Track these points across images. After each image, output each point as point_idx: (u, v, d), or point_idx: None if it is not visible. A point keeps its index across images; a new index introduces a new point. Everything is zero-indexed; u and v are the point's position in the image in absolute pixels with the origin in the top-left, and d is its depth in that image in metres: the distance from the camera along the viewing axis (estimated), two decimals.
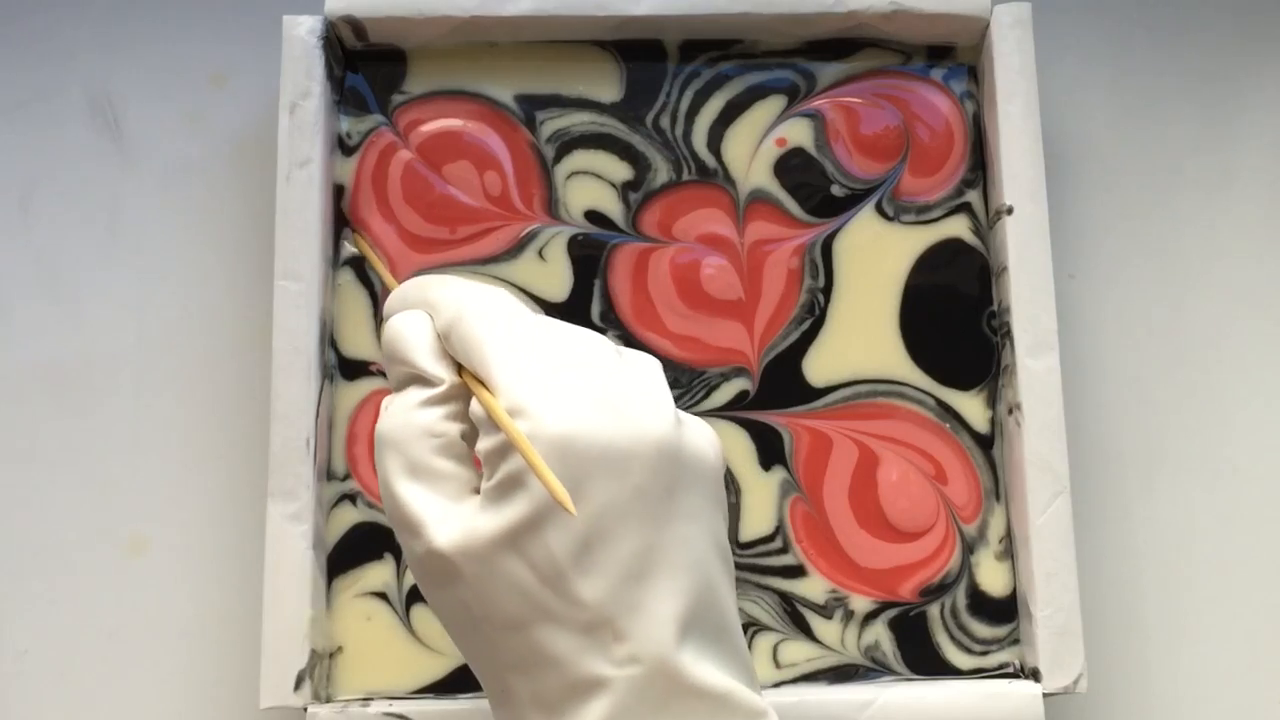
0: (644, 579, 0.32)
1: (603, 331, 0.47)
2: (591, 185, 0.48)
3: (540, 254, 0.48)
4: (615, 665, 0.32)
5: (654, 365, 0.35)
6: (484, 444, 0.33)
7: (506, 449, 0.33)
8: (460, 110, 0.49)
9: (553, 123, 0.49)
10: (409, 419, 0.35)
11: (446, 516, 0.34)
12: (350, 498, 0.46)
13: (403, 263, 0.48)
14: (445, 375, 0.35)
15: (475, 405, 0.34)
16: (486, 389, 0.34)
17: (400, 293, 0.38)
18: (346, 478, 0.46)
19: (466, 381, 0.35)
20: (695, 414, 0.47)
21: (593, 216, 0.48)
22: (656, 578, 0.32)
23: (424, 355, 0.36)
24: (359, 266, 0.48)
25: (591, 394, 0.33)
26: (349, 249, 0.47)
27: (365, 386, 0.47)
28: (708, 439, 0.35)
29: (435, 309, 0.36)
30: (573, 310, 0.47)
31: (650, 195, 0.48)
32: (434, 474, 0.34)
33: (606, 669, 0.32)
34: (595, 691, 0.32)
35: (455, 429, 0.35)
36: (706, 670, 0.32)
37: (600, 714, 0.32)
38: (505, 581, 0.32)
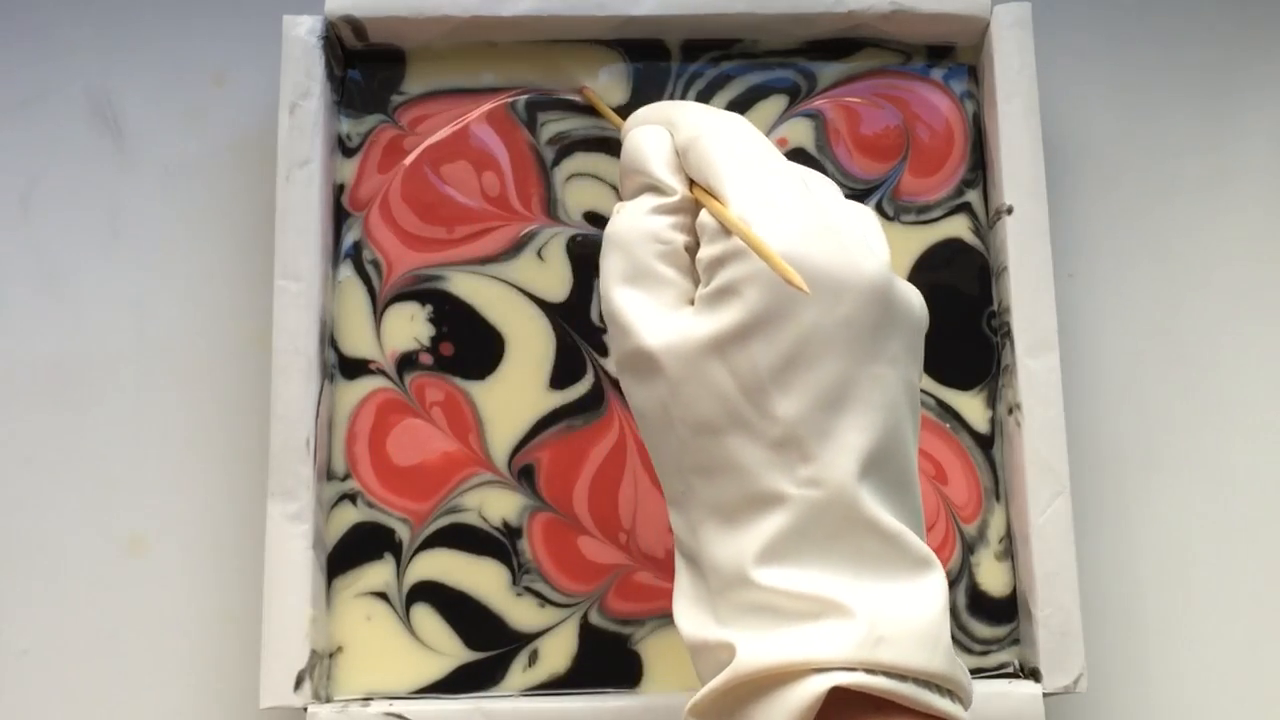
0: (838, 408, 0.33)
1: (603, 330, 0.47)
2: (592, 186, 0.48)
3: (539, 254, 0.48)
4: (797, 485, 0.33)
5: (875, 218, 0.36)
6: (706, 252, 0.34)
7: (727, 257, 0.34)
8: (460, 110, 0.49)
9: (553, 125, 0.49)
10: (637, 223, 0.36)
11: (660, 319, 0.35)
12: (350, 498, 0.46)
13: (399, 261, 0.48)
14: (679, 186, 0.36)
15: (703, 215, 0.35)
16: (718, 202, 0.35)
17: (641, 112, 0.40)
18: (346, 478, 0.46)
19: (697, 196, 0.36)
20: None
21: (592, 218, 0.48)
22: (849, 410, 0.33)
23: (660, 165, 0.37)
24: (360, 265, 0.48)
25: (817, 221, 0.34)
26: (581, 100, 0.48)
27: (365, 386, 0.47)
28: (917, 296, 0.36)
29: (676, 126, 0.38)
30: (572, 310, 0.47)
31: None
32: (654, 277, 0.35)
33: (788, 487, 0.33)
34: (774, 506, 0.33)
35: (681, 239, 0.36)
36: (881, 511, 0.33)
37: (775, 528, 0.33)
38: (707, 385, 0.33)
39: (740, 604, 0.33)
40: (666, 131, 0.38)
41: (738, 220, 0.34)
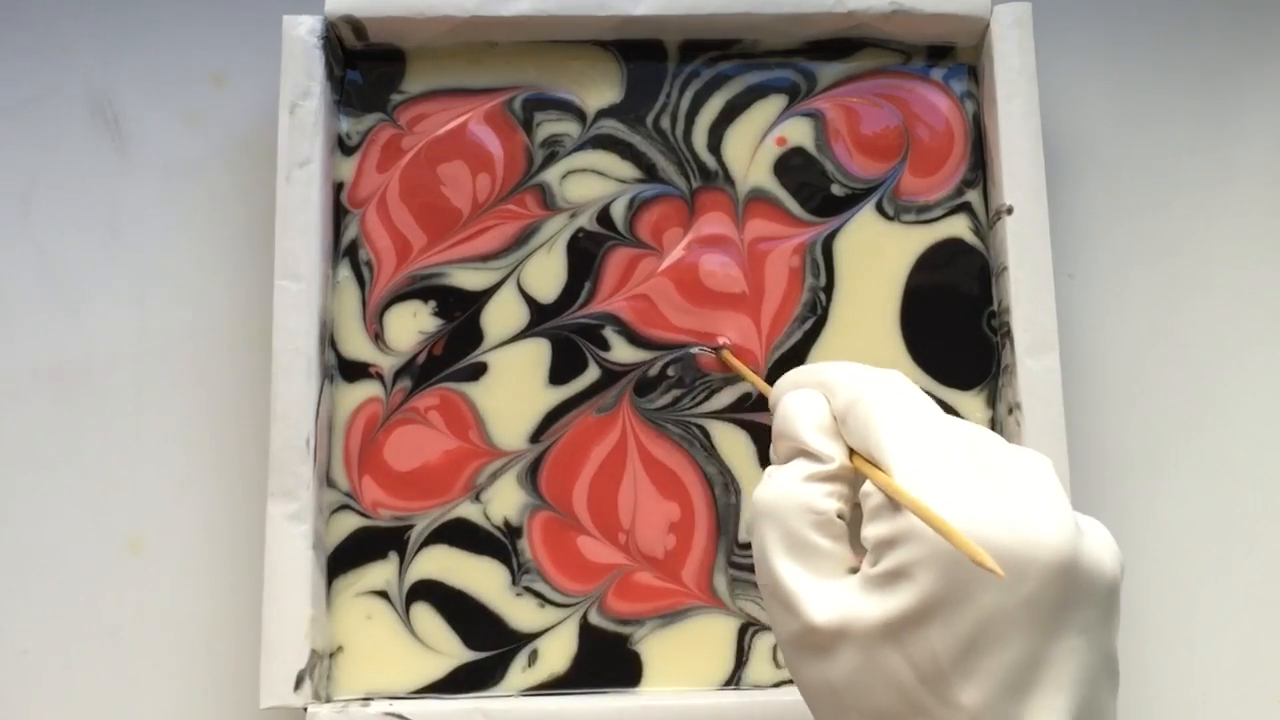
0: (1026, 692, 0.31)
1: (599, 327, 0.47)
2: (590, 185, 0.48)
3: (537, 253, 0.48)
4: None
5: (1047, 465, 0.34)
6: (873, 530, 0.32)
7: (898, 538, 0.32)
8: (459, 110, 0.49)
9: (551, 124, 0.49)
10: (790, 491, 0.35)
11: (823, 594, 0.33)
12: (351, 505, 0.46)
13: (400, 259, 0.48)
14: (835, 454, 0.35)
15: (867, 485, 0.33)
16: (881, 473, 0.33)
17: (791, 375, 0.38)
18: (347, 487, 0.46)
19: (858, 465, 0.35)
20: (696, 415, 0.47)
21: (591, 217, 0.48)
22: (1039, 692, 0.31)
23: (813, 432, 0.35)
24: (356, 265, 0.48)
25: (989, 493, 0.32)
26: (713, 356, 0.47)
27: (363, 391, 0.47)
28: (1108, 549, 0.33)
29: (832, 390, 0.36)
30: (567, 306, 0.47)
31: (649, 198, 0.48)
32: (811, 549, 0.34)
33: None
34: None
35: (834, 507, 0.34)
36: None
37: None
38: (882, 673, 0.32)
39: None
40: (821, 396, 0.36)
41: (915, 499, 0.31)
